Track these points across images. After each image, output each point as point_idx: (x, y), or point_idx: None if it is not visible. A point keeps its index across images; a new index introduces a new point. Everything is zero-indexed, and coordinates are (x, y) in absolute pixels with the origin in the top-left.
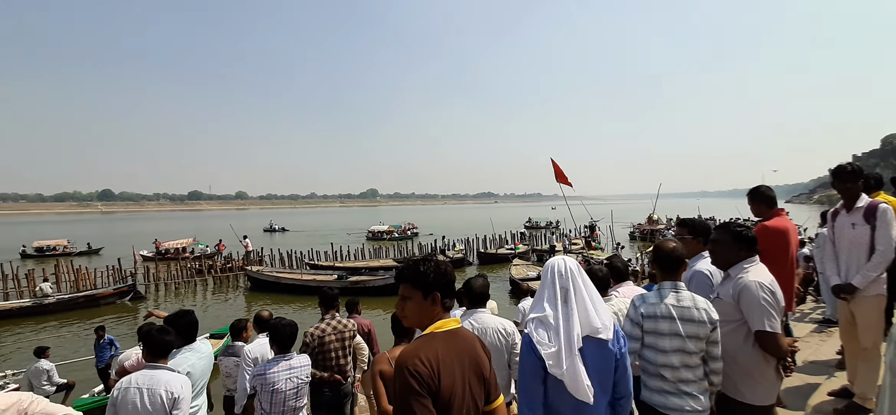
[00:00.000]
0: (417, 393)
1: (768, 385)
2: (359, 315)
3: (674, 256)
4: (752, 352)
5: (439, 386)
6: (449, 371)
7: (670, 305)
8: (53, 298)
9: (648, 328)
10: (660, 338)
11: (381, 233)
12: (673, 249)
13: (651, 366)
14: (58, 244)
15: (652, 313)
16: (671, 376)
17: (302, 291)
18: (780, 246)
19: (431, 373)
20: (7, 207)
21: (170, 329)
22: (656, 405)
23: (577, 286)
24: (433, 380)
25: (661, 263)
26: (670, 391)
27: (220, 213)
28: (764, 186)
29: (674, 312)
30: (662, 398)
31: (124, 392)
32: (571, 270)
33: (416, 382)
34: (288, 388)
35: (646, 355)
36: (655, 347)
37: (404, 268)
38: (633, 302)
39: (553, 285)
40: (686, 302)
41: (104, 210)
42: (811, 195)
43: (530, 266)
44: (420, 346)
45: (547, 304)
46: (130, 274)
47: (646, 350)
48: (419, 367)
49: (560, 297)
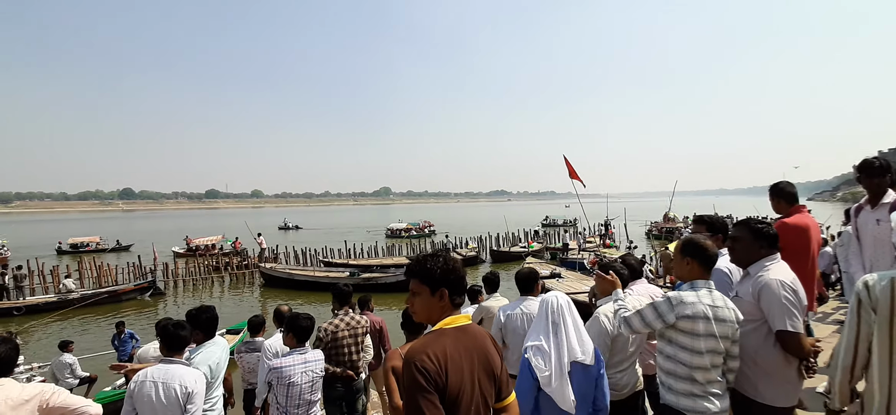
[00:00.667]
0: (424, 389)
1: (789, 387)
2: (371, 312)
3: (711, 253)
4: (773, 352)
5: (446, 382)
6: (457, 368)
7: (707, 304)
8: (77, 294)
9: (684, 328)
10: (696, 339)
11: (400, 231)
12: (713, 247)
13: (682, 368)
14: (91, 241)
15: (689, 314)
16: (702, 378)
17: (315, 288)
18: (800, 244)
19: (438, 369)
20: (33, 205)
21: (185, 324)
22: (685, 409)
23: (565, 321)
24: (440, 376)
25: (705, 261)
26: (699, 395)
27: (236, 211)
28: (784, 182)
29: (709, 312)
30: (691, 402)
31: (140, 386)
32: (562, 307)
33: (423, 378)
34: (303, 381)
35: (677, 357)
36: (691, 348)
37: (413, 263)
38: (670, 300)
39: (546, 319)
40: (718, 301)
41: (125, 208)
42: (834, 192)
43: (544, 265)
44: (428, 342)
45: (542, 335)
46: (150, 271)
47: (677, 351)
48: (426, 363)
49: (551, 330)
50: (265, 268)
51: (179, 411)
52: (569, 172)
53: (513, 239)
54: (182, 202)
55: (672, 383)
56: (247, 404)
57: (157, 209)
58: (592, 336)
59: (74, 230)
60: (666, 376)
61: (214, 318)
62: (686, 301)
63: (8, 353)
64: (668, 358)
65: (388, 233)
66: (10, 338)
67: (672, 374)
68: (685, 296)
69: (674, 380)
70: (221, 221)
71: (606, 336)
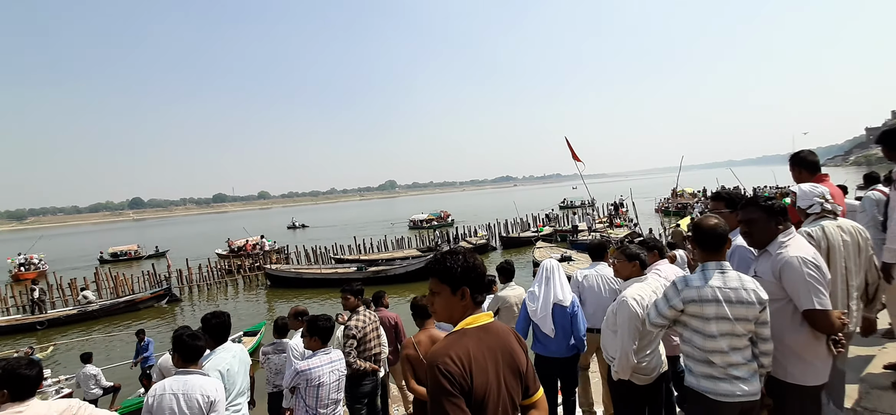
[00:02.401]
0: (449, 393)
1: (820, 364)
2: (386, 308)
3: (717, 233)
4: (800, 331)
5: (472, 384)
6: (481, 368)
7: (716, 287)
8: (96, 305)
9: (693, 312)
10: (706, 323)
11: (422, 221)
12: (715, 226)
13: (698, 351)
14: (130, 249)
15: (695, 298)
16: (720, 362)
17: (321, 285)
18: None
19: (463, 371)
20: (46, 220)
21: (200, 335)
22: (705, 391)
23: (553, 276)
24: (465, 379)
25: (704, 243)
26: (719, 377)
27: (244, 213)
28: (806, 151)
29: (719, 294)
30: (711, 384)
31: (159, 399)
32: (553, 267)
33: (448, 381)
34: (331, 381)
35: (692, 341)
36: (702, 332)
37: (432, 262)
38: (675, 284)
39: (541, 275)
40: (733, 283)
41: (135, 217)
42: (847, 157)
43: (554, 248)
44: (450, 343)
45: (536, 285)
46: (165, 278)
47: (692, 335)
48: (450, 366)
49: (544, 282)
50: (270, 269)
51: None
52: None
53: (522, 224)
54: (191, 208)
55: (691, 365)
56: (271, 406)
57: (166, 216)
58: (623, 321)
59: (91, 242)
60: (686, 358)
61: (224, 324)
62: (691, 285)
63: (35, 376)
64: (685, 342)
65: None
66: (37, 362)
67: (690, 357)
68: (691, 280)
69: (693, 363)
70: (229, 224)
71: (636, 320)
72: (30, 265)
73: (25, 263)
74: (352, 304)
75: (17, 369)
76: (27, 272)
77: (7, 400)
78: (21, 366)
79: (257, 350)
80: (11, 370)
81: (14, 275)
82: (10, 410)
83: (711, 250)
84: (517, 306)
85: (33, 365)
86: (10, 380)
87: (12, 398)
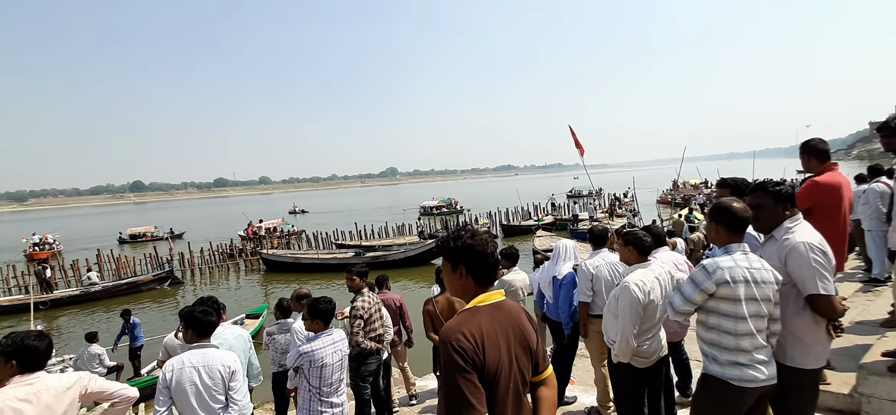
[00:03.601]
0: (462, 369)
1: (820, 348)
2: (389, 291)
3: (745, 216)
4: (803, 316)
5: (484, 360)
6: (494, 345)
7: (744, 267)
8: (99, 287)
9: (724, 295)
10: (737, 304)
11: (432, 208)
12: (743, 209)
13: (729, 337)
14: (147, 231)
15: (728, 279)
16: (750, 345)
17: (319, 270)
18: (832, 202)
19: (476, 348)
20: (47, 202)
21: (211, 310)
22: (730, 378)
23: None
24: (478, 355)
25: (731, 225)
26: (744, 363)
27: (245, 198)
28: (816, 139)
29: (748, 275)
30: (737, 371)
31: (179, 373)
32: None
33: (461, 357)
34: (335, 361)
35: (720, 326)
36: (734, 315)
37: (437, 241)
38: (705, 267)
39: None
40: (756, 263)
41: (136, 200)
42: (849, 151)
43: (554, 236)
44: (463, 320)
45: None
46: (167, 261)
47: (720, 320)
48: (463, 342)
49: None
50: (266, 254)
51: (224, 389)
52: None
53: (523, 213)
54: (192, 192)
55: (716, 353)
56: (275, 385)
57: (167, 200)
58: (624, 305)
59: (101, 224)
60: (709, 347)
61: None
62: (722, 266)
63: (44, 348)
64: (710, 329)
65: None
66: (46, 335)
67: (716, 344)
68: (721, 261)
69: (718, 351)
70: (230, 209)
71: (638, 305)
72: (44, 245)
73: (40, 243)
74: (357, 285)
75: (25, 341)
76: (41, 252)
77: (17, 372)
78: (30, 338)
79: (259, 333)
80: (21, 342)
81: (29, 254)
82: (21, 381)
83: (737, 232)
84: (522, 290)
85: (43, 337)
86: (20, 352)
87: (22, 370)
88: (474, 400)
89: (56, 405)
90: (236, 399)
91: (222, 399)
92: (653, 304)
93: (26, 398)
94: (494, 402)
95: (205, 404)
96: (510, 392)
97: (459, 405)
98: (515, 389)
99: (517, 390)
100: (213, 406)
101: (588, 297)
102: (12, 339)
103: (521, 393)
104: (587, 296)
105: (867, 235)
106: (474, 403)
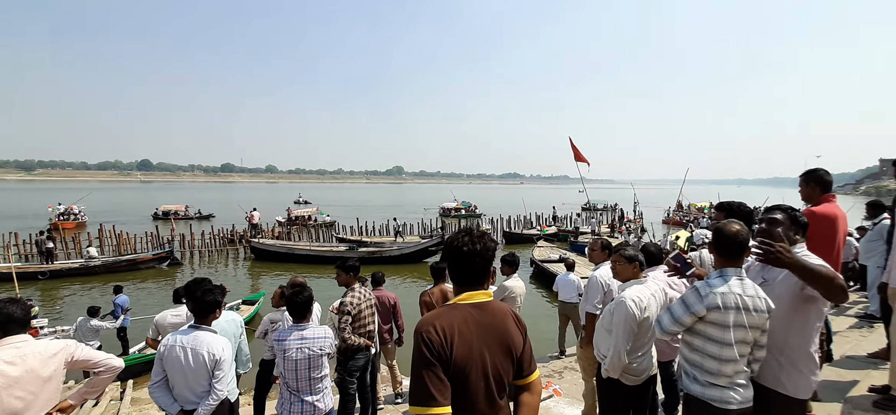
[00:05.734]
0: (428, 360)
1: (813, 378)
2: (382, 288)
3: (740, 239)
4: (800, 342)
5: (451, 355)
6: (465, 341)
7: (737, 294)
8: (99, 261)
9: (714, 319)
10: (725, 330)
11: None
12: (738, 232)
13: (712, 361)
14: (178, 209)
15: (719, 304)
16: (732, 371)
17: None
18: (826, 233)
19: (443, 342)
20: (55, 173)
21: (213, 290)
22: (711, 400)
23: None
24: (444, 349)
25: (725, 249)
26: (725, 386)
27: (251, 185)
28: (822, 169)
29: (739, 302)
30: (718, 392)
31: (170, 349)
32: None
33: (427, 349)
34: (299, 358)
35: (704, 349)
36: (721, 340)
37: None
38: (697, 290)
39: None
40: (750, 290)
41: (143, 179)
42: (857, 186)
43: (554, 248)
44: (437, 315)
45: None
46: (168, 241)
47: (705, 343)
48: (432, 335)
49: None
50: (256, 243)
51: (207, 376)
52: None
53: (524, 222)
54: (198, 175)
55: (697, 374)
56: (262, 370)
57: (174, 180)
58: (619, 320)
59: (100, 200)
60: (691, 367)
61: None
62: (716, 290)
63: (20, 313)
64: (694, 350)
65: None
66: (21, 301)
67: (698, 366)
68: (713, 285)
69: (699, 372)
70: (236, 195)
71: (633, 321)
72: (70, 215)
73: (65, 214)
74: (344, 280)
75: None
76: (67, 222)
77: None
78: (6, 303)
79: (254, 319)
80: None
81: (54, 224)
82: (8, 343)
83: (732, 257)
84: (520, 297)
85: (17, 303)
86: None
87: (3, 334)
88: (435, 391)
89: (41, 370)
90: (217, 389)
91: (205, 385)
92: (647, 321)
93: (11, 361)
94: (464, 398)
95: (188, 384)
96: (482, 391)
97: (419, 395)
98: (488, 388)
99: (490, 390)
100: (196, 389)
101: (597, 308)
102: None
103: (495, 394)
104: (596, 308)
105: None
106: (435, 394)
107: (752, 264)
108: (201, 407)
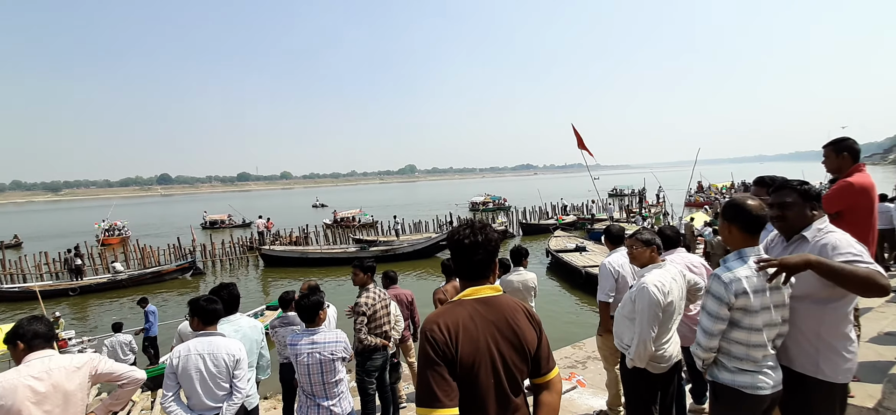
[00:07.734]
0: (432, 360)
1: (854, 360)
2: (397, 287)
3: (762, 216)
4: (843, 326)
5: (457, 353)
6: (471, 338)
7: (759, 274)
8: (125, 275)
9: (740, 305)
10: (752, 315)
11: (480, 203)
12: (761, 208)
13: (740, 347)
14: (222, 218)
15: (745, 289)
16: (761, 355)
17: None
18: (865, 205)
19: (447, 340)
20: (80, 192)
21: (216, 299)
22: (742, 387)
23: None
24: (449, 347)
25: (748, 226)
26: (755, 371)
27: (267, 192)
28: (851, 139)
29: (763, 283)
30: (749, 378)
31: (185, 359)
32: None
33: (432, 348)
34: (310, 362)
35: (733, 336)
36: (749, 326)
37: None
38: (721, 279)
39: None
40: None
41: (163, 193)
42: (886, 155)
43: (570, 237)
44: (442, 312)
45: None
46: (190, 251)
47: (732, 329)
48: (436, 334)
49: None
50: (265, 250)
51: (229, 377)
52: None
53: (540, 212)
54: (216, 185)
55: (725, 360)
56: (282, 376)
57: (193, 193)
58: (642, 307)
59: (120, 215)
60: (719, 354)
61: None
62: (739, 275)
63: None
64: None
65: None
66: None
67: (725, 352)
68: (738, 271)
69: (727, 358)
70: (253, 203)
71: (657, 307)
72: (114, 231)
73: (110, 229)
74: (361, 280)
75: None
76: (112, 238)
77: (26, 351)
78: (31, 321)
79: None
80: (21, 324)
81: (100, 240)
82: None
83: (753, 233)
84: (523, 290)
85: (40, 320)
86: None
87: (29, 350)
88: (440, 392)
89: (66, 384)
90: (240, 387)
91: (226, 387)
92: (671, 306)
93: (38, 376)
94: (474, 397)
95: (209, 390)
96: (492, 389)
97: (424, 396)
98: (499, 386)
99: (502, 387)
100: (218, 393)
101: (610, 297)
102: (15, 324)
103: (509, 392)
104: (609, 296)
105: None
106: (439, 395)
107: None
108: (226, 407)
